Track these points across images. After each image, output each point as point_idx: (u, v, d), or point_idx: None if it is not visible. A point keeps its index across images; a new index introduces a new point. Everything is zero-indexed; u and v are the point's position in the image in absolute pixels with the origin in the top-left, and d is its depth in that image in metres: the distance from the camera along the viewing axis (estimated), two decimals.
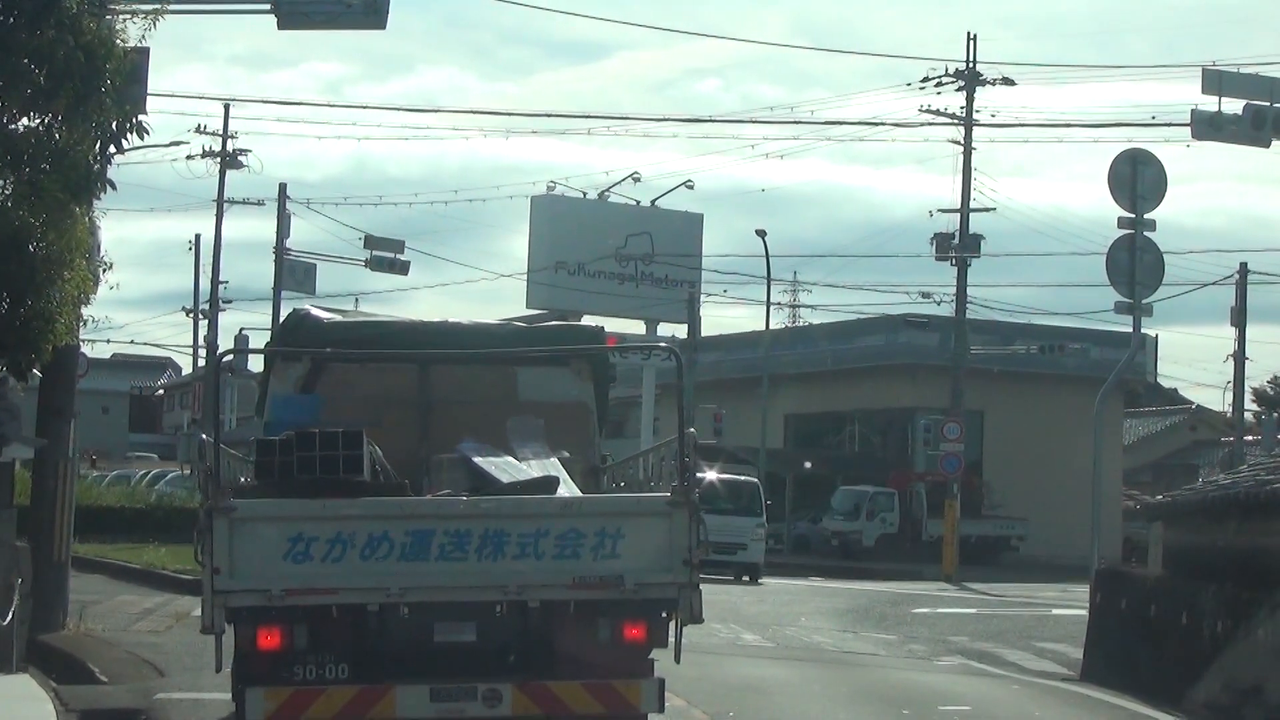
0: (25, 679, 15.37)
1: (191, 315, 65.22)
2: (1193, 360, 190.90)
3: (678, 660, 11.25)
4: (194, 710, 14.14)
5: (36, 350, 15.66)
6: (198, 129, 58.15)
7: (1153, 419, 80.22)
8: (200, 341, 64.01)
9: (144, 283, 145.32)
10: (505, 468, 11.95)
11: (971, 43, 51.17)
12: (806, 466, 60.22)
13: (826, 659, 20.77)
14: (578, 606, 10.86)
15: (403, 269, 54.83)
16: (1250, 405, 70.50)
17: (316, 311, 14.27)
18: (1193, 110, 28.55)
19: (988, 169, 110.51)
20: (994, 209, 52.60)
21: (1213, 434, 75.75)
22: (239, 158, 59.36)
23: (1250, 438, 60.68)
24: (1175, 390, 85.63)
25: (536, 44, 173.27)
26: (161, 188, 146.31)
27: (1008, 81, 51.01)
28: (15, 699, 14.04)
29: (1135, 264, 22.82)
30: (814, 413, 65.04)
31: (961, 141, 51.39)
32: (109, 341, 77.91)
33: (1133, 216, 22.82)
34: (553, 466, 12.21)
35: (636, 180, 60.30)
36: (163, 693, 14.98)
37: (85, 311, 17.45)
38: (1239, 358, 57.31)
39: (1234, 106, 27.82)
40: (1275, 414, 62.21)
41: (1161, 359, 69.61)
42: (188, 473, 48.09)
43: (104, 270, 17.18)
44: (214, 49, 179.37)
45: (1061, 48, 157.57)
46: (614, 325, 52.87)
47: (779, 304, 73.66)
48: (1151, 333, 60.64)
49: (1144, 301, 23.06)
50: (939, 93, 50.91)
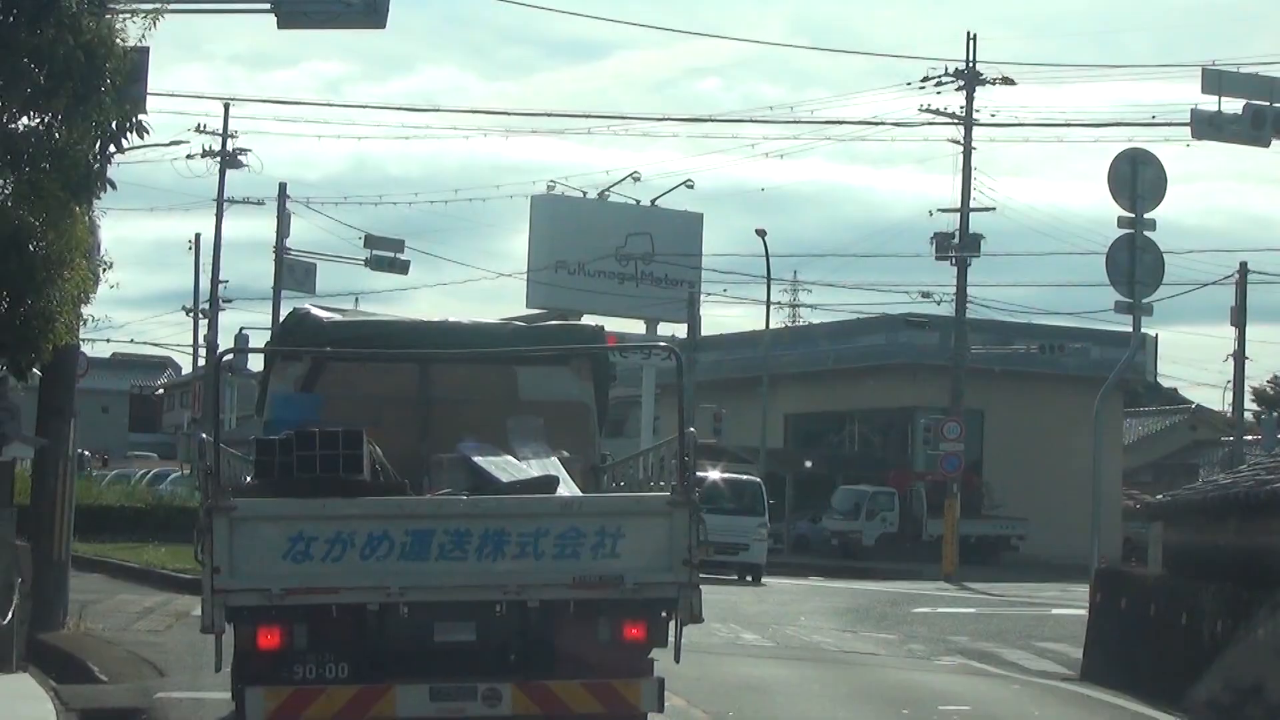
0: (25, 678, 15.35)
1: (191, 315, 65.34)
2: (1193, 360, 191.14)
3: (677, 660, 11.25)
4: (194, 709, 14.12)
5: (36, 350, 15.64)
6: (198, 128, 58.28)
7: (1153, 419, 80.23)
8: (200, 341, 64.06)
9: (144, 282, 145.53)
10: (505, 467, 11.95)
11: (971, 42, 51.21)
12: (806, 466, 60.21)
13: (826, 658, 20.75)
14: (578, 606, 10.86)
15: (403, 268, 54.85)
16: (1250, 405, 70.54)
17: (316, 311, 14.27)
18: (1193, 110, 28.56)
19: (988, 169, 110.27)
20: (994, 209, 52.66)
21: (1213, 433, 75.77)
22: (239, 157, 59.44)
23: (1250, 437, 60.71)
24: (1175, 390, 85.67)
25: (536, 43, 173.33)
26: (161, 187, 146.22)
27: (1008, 81, 51.02)
28: (15, 698, 14.03)
29: (1135, 264, 22.79)
30: (814, 412, 65.04)
31: (961, 141, 51.42)
32: (109, 341, 78.01)
33: (1133, 216, 22.79)
34: (553, 466, 12.20)
35: (636, 180, 60.40)
36: (163, 692, 14.97)
37: (85, 311, 17.41)
38: (1239, 357, 57.31)
39: (1234, 106, 27.81)
40: (1275, 413, 62.19)
41: (1161, 359, 69.53)
42: (187, 472, 48.08)
43: (104, 269, 17.14)
44: (214, 48, 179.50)
45: (1061, 47, 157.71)
46: (614, 325, 52.93)
47: (779, 304, 73.68)
48: (1151, 332, 60.62)
49: (1144, 301, 23.01)
50: (939, 92, 50.97)
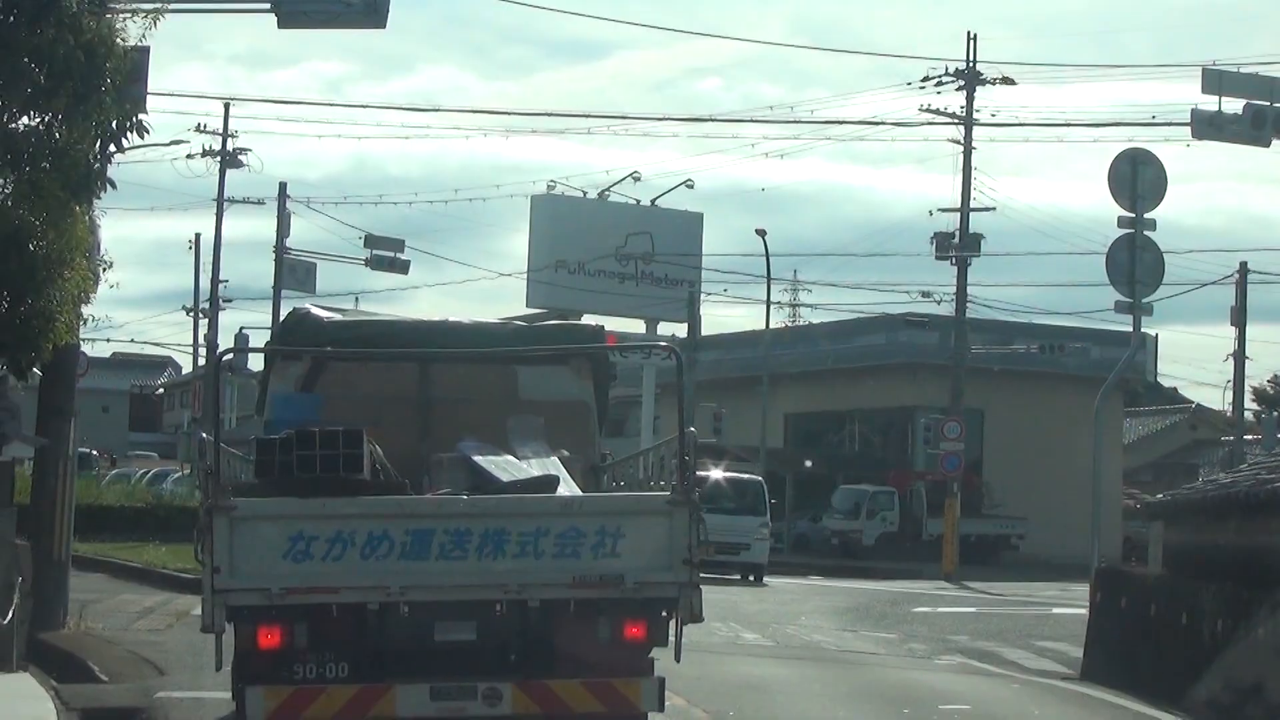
0: (25, 678, 15.35)
1: (192, 314, 65.31)
2: (1193, 359, 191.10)
3: (678, 659, 11.25)
4: (194, 709, 14.12)
5: (36, 349, 15.64)
6: (198, 128, 58.27)
7: (1153, 418, 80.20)
8: (200, 340, 64.02)
9: (144, 282, 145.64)
10: (505, 466, 11.94)
11: (971, 42, 51.23)
12: (807, 466, 60.22)
13: (826, 658, 20.76)
14: (578, 605, 10.86)
15: (403, 268, 54.85)
16: (1250, 404, 70.53)
17: (316, 310, 14.27)
18: (1193, 110, 28.55)
19: (988, 168, 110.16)
20: (994, 208, 52.68)
21: (1213, 433, 75.76)
22: (239, 157, 59.41)
23: (1250, 437, 60.71)
24: (1175, 389, 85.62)
25: (536, 43, 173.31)
26: (162, 187, 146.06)
27: (1008, 81, 51.04)
28: (15, 698, 14.03)
29: (1135, 263, 22.79)
30: (814, 412, 65.03)
31: (961, 141, 51.43)
32: (109, 340, 78.03)
33: (1133, 216, 22.78)
34: (553, 465, 12.20)
35: (636, 179, 60.38)
36: (163, 691, 14.96)
37: (85, 310, 17.43)
38: (1239, 357, 57.31)
39: (1234, 106, 27.80)
40: (1275, 413, 62.21)
41: (1161, 358, 69.45)
42: (187, 472, 48.06)
43: (104, 269, 17.15)
44: (214, 48, 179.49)
45: (1061, 47, 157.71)
46: (614, 324, 52.91)
47: (779, 303, 73.63)
48: (1151, 332, 60.49)
49: (1144, 301, 23.01)
50: (939, 92, 50.98)
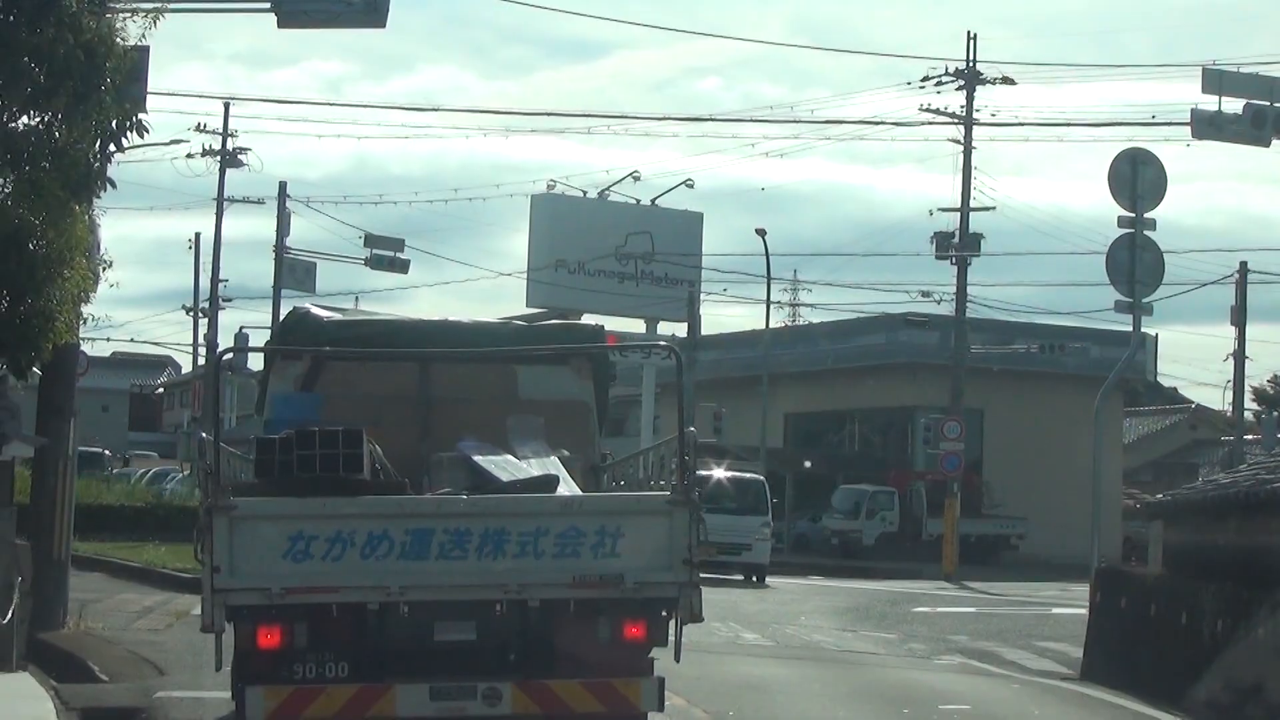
0: (25, 677, 15.34)
1: (191, 314, 65.35)
2: (1193, 359, 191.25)
3: (677, 659, 11.25)
4: (194, 709, 14.12)
5: (36, 348, 15.63)
6: (198, 127, 58.28)
7: (1153, 418, 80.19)
8: (200, 340, 64.04)
9: (144, 281, 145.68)
10: (505, 466, 11.94)
11: (971, 42, 51.25)
12: (806, 465, 60.21)
13: (826, 658, 20.76)
14: (578, 605, 10.86)
15: (403, 268, 54.83)
16: (1250, 404, 70.47)
17: (316, 310, 14.26)
18: (1193, 110, 28.57)
19: (988, 168, 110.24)
20: (994, 208, 52.70)
21: (1213, 433, 75.77)
22: (239, 156, 59.40)
23: (1250, 437, 60.67)
24: (1175, 389, 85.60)
25: (536, 43, 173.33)
26: (161, 186, 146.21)
27: (1008, 81, 51.06)
28: (15, 697, 14.02)
29: (1135, 263, 22.78)
30: (814, 412, 65.02)
31: (961, 140, 51.43)
32: (109, 340, 78.12)
33: (1133, 215, 22.78)
34: (553, 465, 12.20)
35: (636, 179, 60.38)
36: (163, 691, 14.96)
37: (85, 310, 17.42)
38: (1239, 357, 57.28)
39: (1234, 106, 27.83)
40: (1275, 413, 62.16)
41: (1161, 358, 69.63)
42: (187, 472, 48.04)
43: (104, 268, 17.13)
44: (214, 47, 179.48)
45: (1061, 47, 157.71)
46: (614, 324, 52.93)
47: (779, 303, 73.69)
48: (1151, 332, 60.66)
49: (1144, 300, 23.01)
50: (939, 92, 50.99)
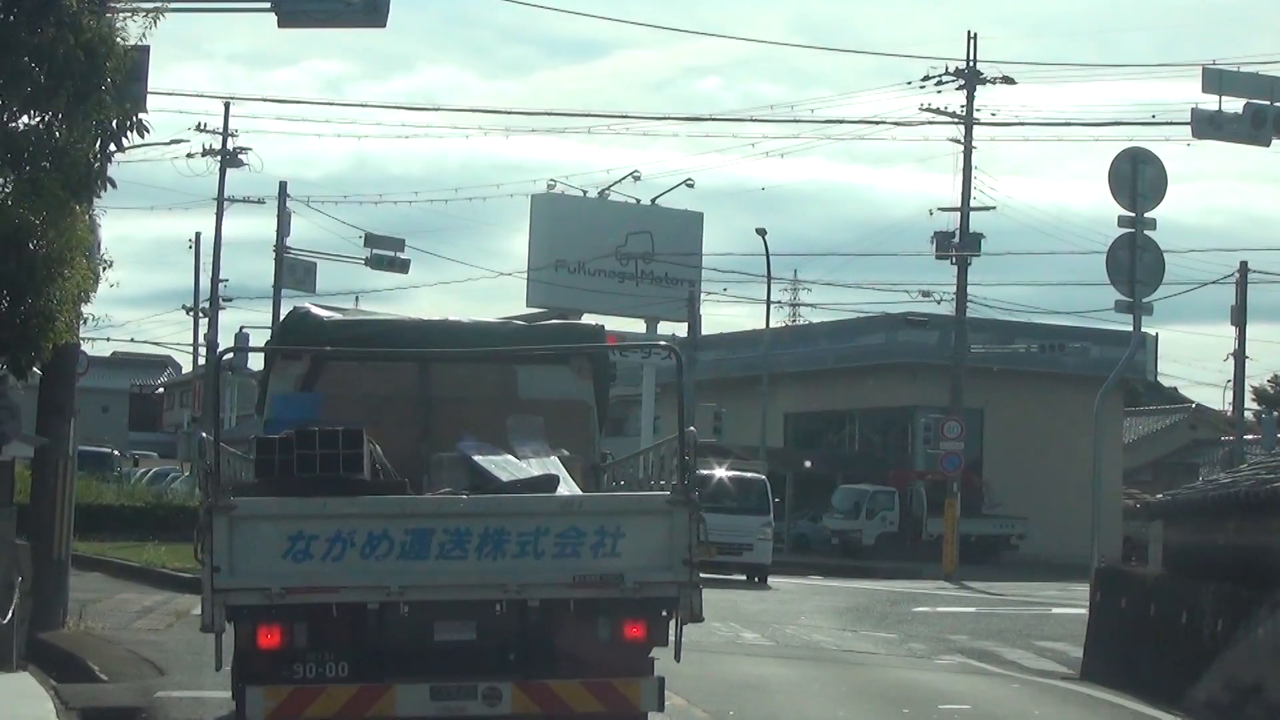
0: (25, 677, 15.35)
1: (192, 313, 65.28)
2: (1193, 359, 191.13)
3: (678, 659, 11.24)
4: (194, 708, 14.12)
5: (36, 348, 15.64)
6: (198, 127, 58.24)
7: (1153, 418, 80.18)
8: (200, 340, 63.97)
9: (144, 281, 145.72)
10: (505, 466, 11.94)
11: (972, 42, 51.28)
12: (807, 465, 60.21)
13: (826, 657, 20.76)
14: (578, 605, 10.85)
15: (403, 267, 54.82)
16: (1250, 404, 70.55)
17: (316, 310, 14.26)
18: (1193, 109, 28.58)
19: (988, 168, 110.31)
20: (994, 208, 52.74)
21: (1213, 433, 75.78)
22: (239, 156, 59.36)
23: (1250, 436, 60.67)
24: (1175, 389, 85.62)
25: (536, 42, 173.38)
26: (162, 186, 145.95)
27: (1008, 80, 51.07)
28: (15, 697, 14.02)
29: (1135, 263, 22.78)
30: (814, 411, 65.03)
31: (962, 140, 51.44)
32: (109, 340, 78.16)
33: (1133, 215, 22.77)
34: (553, 465, 12.19)
35: (637, 179, 60.43)
36: (163, 691, 14.96)
37: (85, 309, 17.45)
38: (1239, 356, 57.29)
39: (1234, 105, 27.84)
40: (1275, 413, 62.20)
41: (1162, 358, 69.59)
42: (188, 473, 48.02)
43: (104, 268, 17.13)
44: (214, 47, 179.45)
45: (1061, 46, 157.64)
46: (614, 324, 52.96)
47: (779, 302, 73.81)
48: (1152, 331, 60.70)
49: (1144, 300, 23.00)
50: (939, 91, 51.00)
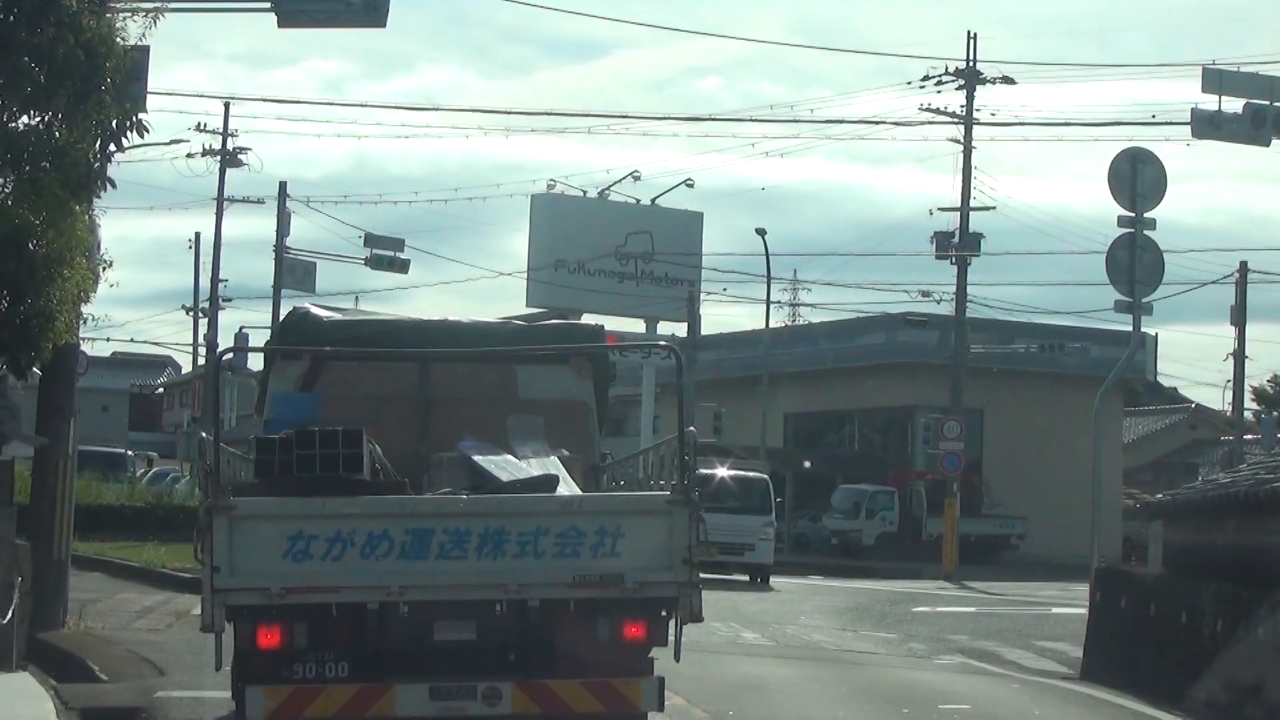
0: (25, 677, 15.35)
1: (191, 313, 65.34)
2: (1193, 359, 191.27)
3: (677, 659, 11.24)
4: (194, 708, 14.12)
5: (36, 348, 15.63)
6: (198, 127, 58.27)
7: (1152, 418, 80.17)
8: (200, 340, 64.01)
9: (144, 281, 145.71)
10: (505, 466, 11.94)
11: (971, 42, 51.29)
12: (806, 465, 60.21)
13: (826, 657, 20.76)
14: (578, 605, 10.85)
15: (403, 267, 54.83)
16: (1250, 404, 70.52)
17: (316, 310, 14.26)
18: (1193, 109, 28.59)
19: (988, 168, 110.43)
20: (994, 208, 52.75)
21: (1213, 433, 75.76)
22: (239, 156, 59.38)
23: (1250, 436, 60.66)
24: (1175, 389, 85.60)
25: (536, 42, 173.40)
26: (161, 186, 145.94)
27: (1008, 80, 51.08)
28: (15, 697, 14.03)
29: (1135, 263, 22.77)
30: (814, 411, 65.02)
31: (961, 140, 51.45)
32: (109, 340, 78.22)
33: (1133, 215, 22.77)
34: (552, 465, 12.19)
35: (636, 179, 60.43)
36: (163, 691, 14.96)
37: (85, 309, 17.43)
38: (1239, 356, 57.27)
39: (1234, 105, 27.84)
40: (1275, 413, 62.18)
41: (1161, 358, 69.61)
42: (187, 474, 48.02)
43: (104, 268, 17.12)
44: (214, 47, 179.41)
45: (1061, 46, 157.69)
46: (614, 324, 52.97)
47: (779, 302, 73.77)
48: (1151, 331, 60.68)
49: (1144, 300, 23.00)
50: (939, 91, 51.02)
